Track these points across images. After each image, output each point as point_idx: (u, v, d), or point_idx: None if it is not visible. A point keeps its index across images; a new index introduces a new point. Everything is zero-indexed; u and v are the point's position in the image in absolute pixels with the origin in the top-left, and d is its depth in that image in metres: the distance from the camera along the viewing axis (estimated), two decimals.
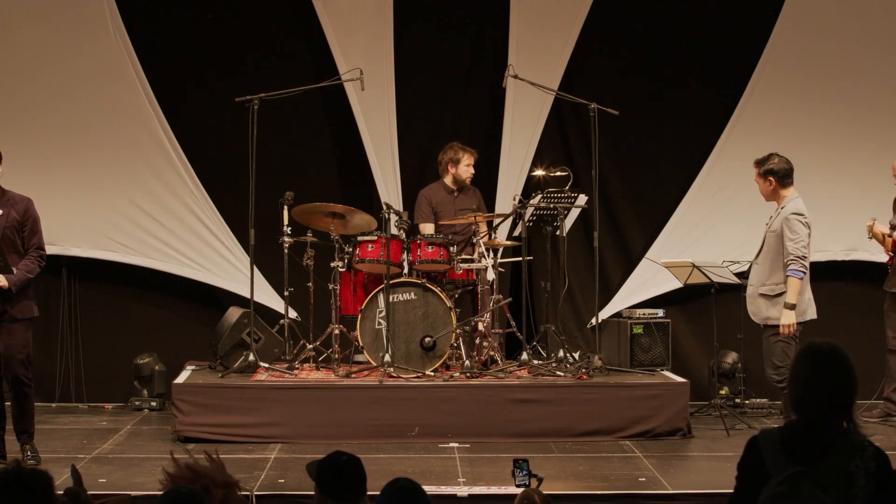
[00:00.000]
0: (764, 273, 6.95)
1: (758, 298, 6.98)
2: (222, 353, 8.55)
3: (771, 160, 7.03)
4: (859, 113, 9.36)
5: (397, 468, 6.79)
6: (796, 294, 6.88)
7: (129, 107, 9.09)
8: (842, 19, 9.35)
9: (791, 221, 6.92)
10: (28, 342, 6.87)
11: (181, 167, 9.18)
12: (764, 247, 7.02)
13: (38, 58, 9.02)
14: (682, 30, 9.49)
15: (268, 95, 8.38)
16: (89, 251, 9.07)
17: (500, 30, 9.34)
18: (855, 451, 3.41)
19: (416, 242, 8.25)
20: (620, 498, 6.22)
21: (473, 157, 8.85)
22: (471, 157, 8.83)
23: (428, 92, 9.53)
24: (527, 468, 4.48)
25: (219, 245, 9.27)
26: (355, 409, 7.72)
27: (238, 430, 7.64)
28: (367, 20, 9.25)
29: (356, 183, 9.43)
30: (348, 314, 8.39)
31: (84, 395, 9.29)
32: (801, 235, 6.91)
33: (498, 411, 7.75)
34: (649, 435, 7.78)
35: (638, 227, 9.63)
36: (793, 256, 6.86)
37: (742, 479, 3.52)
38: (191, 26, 9.33)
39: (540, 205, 8.48)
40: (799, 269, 6.86)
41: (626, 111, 8.82)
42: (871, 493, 3.36)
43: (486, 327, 8.35)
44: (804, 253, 6.90)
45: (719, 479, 6.68)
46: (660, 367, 8.71)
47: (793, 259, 6.86)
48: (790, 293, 6.87)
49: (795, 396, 3.50)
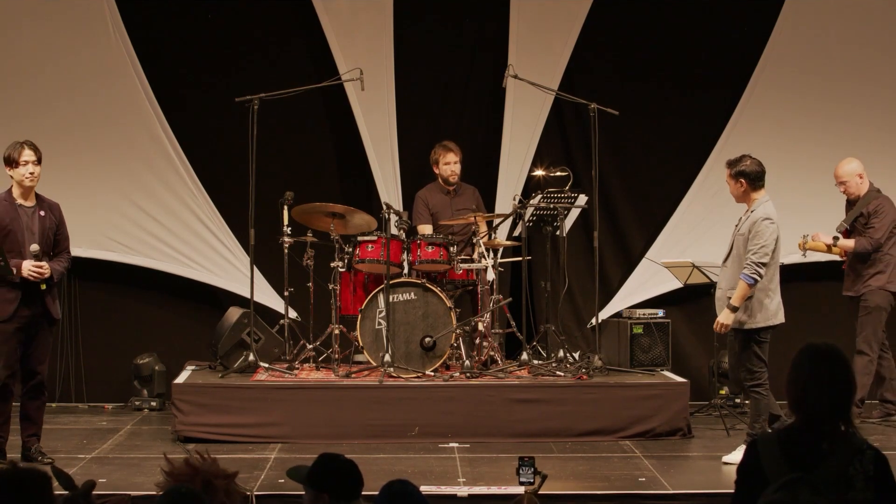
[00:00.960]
0: (734, 277, 6.91)
1: (727, 302, 6.96)
2: (222, 353, 8.55)
3: (743, 162, 7.00)
4: (859, 113, 9.36)
5: (397, 468, 6.79)
6: (742, 298, 6.81)
7: (129, 107, 9.09)
8: (842, 19, 9.35)
9: (759, 226, 6.86)
10: (51, 344, 7.09)
11: (181, 167, 9.19)
12: (733, 250, 6.97)
13: (38, 58, 9.03)
14: (682, 30, 9.49)
15: (268, 95, 8.38)
16: (89, 251, 9.06)
17: (500, 30, 9.34)
18: (854, 454, 3.40)
19: (416, 242, 8.25)
20: (620, 498, 6.22)
21: (456, 154, 8.79)
22: (453, 154, 8.79)
23: (428, 92, 9.53)
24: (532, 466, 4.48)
25: (219, 245, 9.27)
26: (355, 409, 7.72)
27: (238, 430, 7.64)
28: (367, 20, 9.26)
29: (356, 183, 9.43)
30: (348, 314, 8.39)
31: (84, 395, 9.29)
32: (765, 241, 6.84)
33: (498, 411, 7.76)
34: (649, 435, 7.78)
35: (638, 227, 9.62)
36: (750, 261, 6.82)
37: (741, 483, 3.51)
38: (191, 26, 9.34)
39: (540, 205, 8.48)
40: (751, 274, 6.79)
41: (625, 111, 8.82)
42: (870, 496, 3.36)
43: (486, 327, 8.35)
44: (764, 260, 6.82)
45: (719, 479, 6.70)
46: (660, 367, 8.70)
47: (748, 264, 6.82)
48: (736, 296, 6.82)
49: (794, 397, 3.49)
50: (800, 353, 3.54)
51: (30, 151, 6.80)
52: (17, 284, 6.71)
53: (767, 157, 7.20)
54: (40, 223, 6.85)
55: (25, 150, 6.79)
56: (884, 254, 8.23)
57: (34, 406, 6.96)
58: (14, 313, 6.71)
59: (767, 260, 6.80)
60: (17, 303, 6.72)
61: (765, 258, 6.79)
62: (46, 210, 6.91)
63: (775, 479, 3.24)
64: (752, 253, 6.81)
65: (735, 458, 6.68)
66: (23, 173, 6.78)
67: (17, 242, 6.74)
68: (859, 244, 8.22)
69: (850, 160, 8.37)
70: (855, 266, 8.31)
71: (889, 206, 8.31)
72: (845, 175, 8.32)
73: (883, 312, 8.23)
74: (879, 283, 8.22)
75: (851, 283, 8.34)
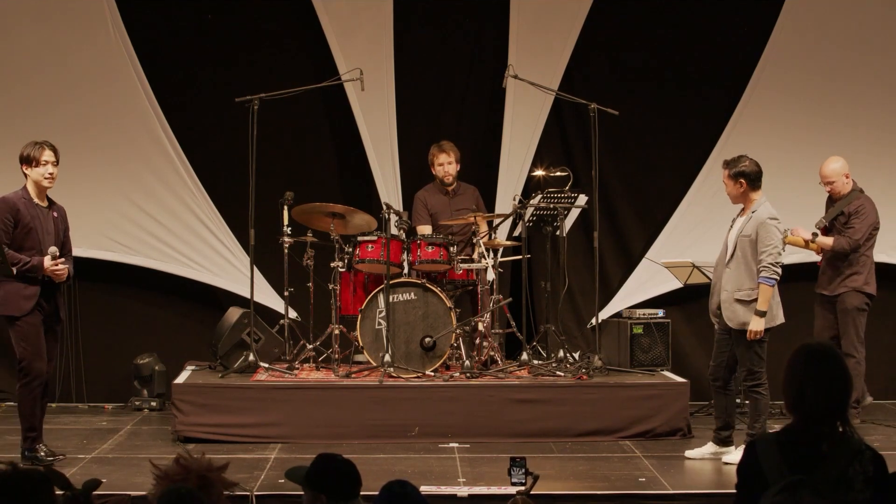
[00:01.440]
0: (740, 278, 6.91)
1: (734, 304, 6.95)
2: (222, 353, 8.55)
3: (742, 162, 7.00)
4: (859, 113, 9.36)
5: (397, 468, 6.80)
6: (767, 301, 6.85)
7: (129, 107, 9.09)
8: (842, 19, 9.35)
9: (768, 227, 6.88)
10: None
11: (181, 167, 9.19)
12: (737, 251, 6.96)
13: (38, 58, 9.02)
14: (682, 30, 9.49)
15: (268, 95, 8.38)
16: (89, 251, 9.06)
17: (499, 30, 9.34)
18: (852, 455, 3.40)
19: (416, 242, 8.25)
20: (620, 498, 6.23)
21: (450, 154, 8.78)
22: (446, 155, 8.77)
23: (428, 92, 9.53)
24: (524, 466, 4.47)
25: (219, 245, 9.27)
26: (355, 409, 7.73)
27: (238, 430, 7.64)
28: (367, 20, 9.26)
29: (356, 183, 9.43)
30: (348, 314, 8.39)
31: (84, 395, 9.29)
32: (776, 242, 6.88)
33: (498, 411, 7.76)
34: (649, 435, 7.78)
35: (638, 227, 9.62)
36: (766, 263, 6.83)
37: (742, 484, 3.52)
38: (190, 26, 9.33)
39: (540, 205, 8.48)
40: (771, 276, 6.83)
41: (625, 111, 8.82)
42: (869, 497, 3.36)
43: (486, 327, 8.35)
44: (779, 259, 6.87)
45: (719, 479, 6.70)
46: (660, 367, 8.71)
47: (765, 266, 6.83)
48: (761, 300, 6.84)
49: (790, 398, 3.49)
50: (795, 353, 3.55)
51: (50, 152, 6.91)
52: (37, 280, 6.78)
53: (767, 157, 7.21)
54: (55, 224, 6.93)
55: (46, 150, 6.90)
56: (861, 255, 8.17)
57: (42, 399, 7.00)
58: (34, 308, 6.79)
59: (780, 258, 6.86)
60: (36, 299, 6.78)
61: (779, 257, 6.85)
62: (58, 212, 7.01)
63: (774, 479, 3.24)
64: (767, 255, 6.84)
65: (735, 458, 6.68)
66: (42, 173, 6.87)
67: (37, 241, 6.81)
68: (837, 243, 8.15)
69: (836, 159, 8.30)
70: (832, 264, 8.24)
71: (871, 208, 8.24)
72: (832, 175, 8.25)
73: (862, 313, 8.20)
74: (856, 285, 8.18)
75: (827, 281, 8.27)
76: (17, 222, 6.76)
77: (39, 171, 6.86)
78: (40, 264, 6.74)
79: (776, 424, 6.78)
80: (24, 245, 6.76)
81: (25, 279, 6.76)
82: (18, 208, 6.78)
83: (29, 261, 6.73)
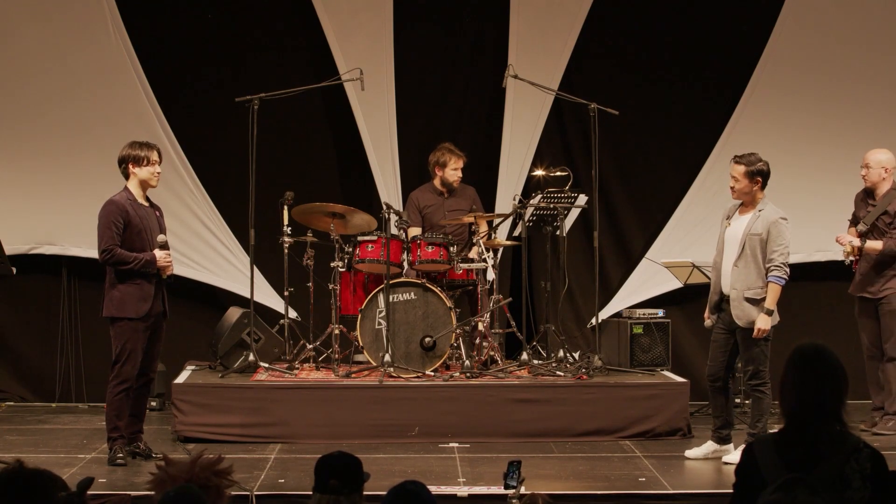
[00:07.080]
0: (750, 277, 6.92)
1: (744, 303, 6.95)
2: (222, 353, 8.55)
3: (760, 161, 7.00)
4: (859, 112, 9.35)
5: (397, 468, 6.80)
6: (775, 300, 6.87)
7: (129, 107, 9.09)
8: (842, 19, 9.35)
9: (780, 226, 6.89)
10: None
11: (181, 167, 9.19)
12: (746, 250, 6.96)
13: (38, 58, 9.02)
14: (682, 30, 9.49)
15: (268, 95, 8.38)
16: (89, 251, 9.02)
17: (499, 30, 9.34)
18: (849, 453, 3.40)
19: (416, 242, 8.25)
20: (620, 498, 6.23)
21: (461, 160, 8.80)
22: (458, 160, 8.79)
23: (428, 92, 9.53)
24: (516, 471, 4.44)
25: (219, 245, 9.27)
26: (355, 409, 7.73)
27: (238, 430, 7.64)
28: (367, 20, 9.26)
29: (356, 183, 9.43)
30: (348, 314, 8.39)
31: (84, 395, 9.29)
32: (786, 241, 6.92)
33: (498, 411, 7.76)
34: (649, 435, 7.78)
35: (638, 227, 9.63)
36: (777, 263, 6.85)
37: (739, 485, 3.52)
38: (191, 26, 9.33)
39: (540, 205, 8.48)
40: (782, 275, 6.85)
41: (625, 111, 8.82)
42: (867, 494, 3.36)
43: (486, 327, 8.35)
44: (789, 259, 6.90)
45: (719, 479, 6.70)
46: (660, 367, 8.70)
47: (777, 266, 6.85)
48: (770, 299, 6.86)
49: (784, 399, 3.50)
50: (789, 355, 3.56)
51: (156, 152, 7.03)
52: (150, 279, 6.83)
53: (768, 156, 7.19)
54: (158, 223, 7.03)
55: (154, 151, 7.01)
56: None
57: (142, 402, 7.12)
58: (148, 312, 6.83)
59: (790, 258, 6.90)
60: (152, 300, 6.83)
61: (789, 257, 6.89)
62: (159, 211, 7.11)
63: (772, 480, 3.24)
64: (778, 254, 6.87)
65: (735, 458, 6.69)
66: (151, 171, 6.98)
67: (146, 241, 6.86)
68: (887, 245, 7.97)
69: (884, 151, 8.13)
70: (875, 267, 8.06)
71: None
72: (873, 163, 8.08)
73: None
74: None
75: (869, 283, 8.08)
76: (126, 224, 6.80)
77: (149, 170, 6.97)
78: (153, 259, 6.81)
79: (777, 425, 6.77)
80: (133, 246, 6.81)
81: (141, 277, 6.79)
82: (127, 210, 6.84)
83: (143, 257, 6.78)
